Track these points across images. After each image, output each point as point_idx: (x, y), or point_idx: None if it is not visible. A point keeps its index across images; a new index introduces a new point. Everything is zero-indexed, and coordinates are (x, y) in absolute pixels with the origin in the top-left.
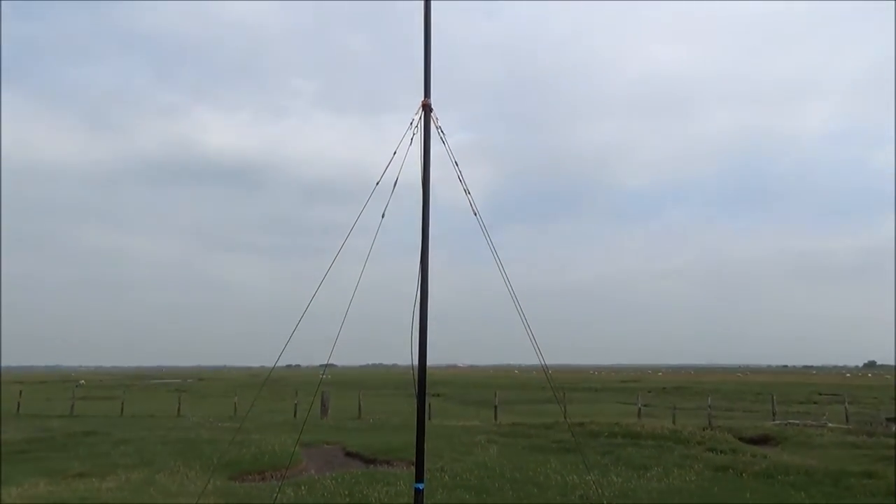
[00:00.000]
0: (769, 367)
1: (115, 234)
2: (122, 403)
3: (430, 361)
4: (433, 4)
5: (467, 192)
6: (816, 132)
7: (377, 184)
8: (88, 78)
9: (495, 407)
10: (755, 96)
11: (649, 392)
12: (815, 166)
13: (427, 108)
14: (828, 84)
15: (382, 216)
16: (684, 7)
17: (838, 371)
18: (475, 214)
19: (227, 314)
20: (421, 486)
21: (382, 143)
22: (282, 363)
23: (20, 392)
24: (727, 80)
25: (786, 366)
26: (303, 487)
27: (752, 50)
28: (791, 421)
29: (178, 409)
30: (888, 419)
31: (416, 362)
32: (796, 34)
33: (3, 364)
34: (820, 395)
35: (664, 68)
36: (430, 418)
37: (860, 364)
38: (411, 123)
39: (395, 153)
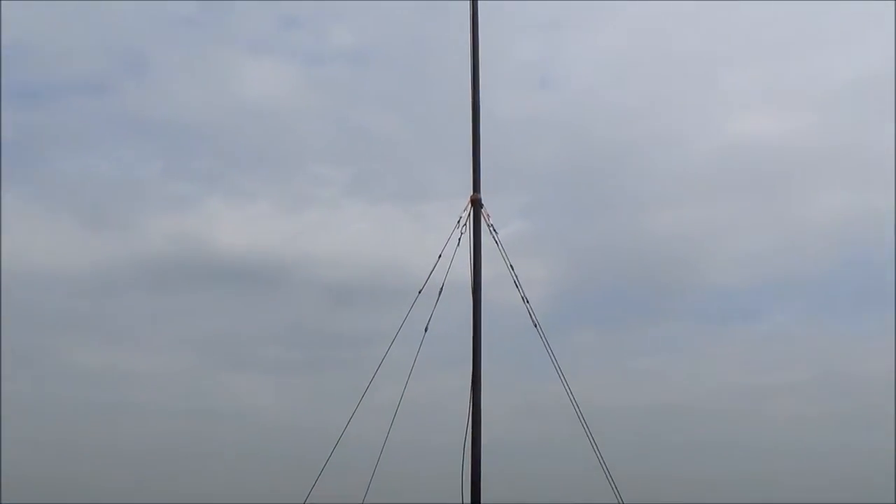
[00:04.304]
0: None
1: (109, 349)
2: None
3: (482, 500)
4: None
5: (525, 300)
6: None
7: (419, 292)
8: (88, 169)
9: None
10: (874, 173)
11: None
12: None
13: (477, 204)
14: None
15: (426, 329)
16: (772, 70)
17: None
18: (535, 326)
19: (239, 442)
20: None
21: (423, 234)
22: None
23: None
24: (837, 154)
25: None
26: None
27: (867, 117)
28: None
29: None
30: None
31: (467, 501)
32: None
33: None
34: None
35: (755, 142)
36: None
37: None
38: (458, 221)
39: (440, 256)
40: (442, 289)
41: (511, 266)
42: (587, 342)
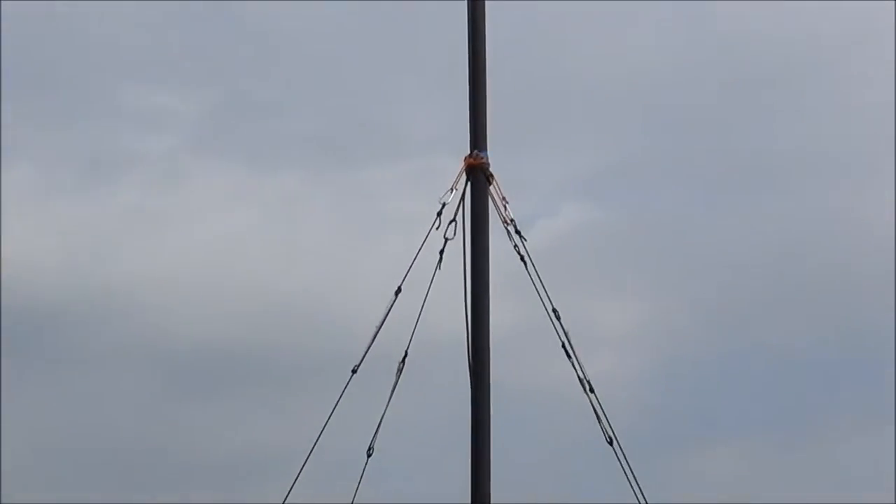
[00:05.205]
0: None
1: None
2: None
3: None
4: None
5: (587, 387)
6: None
7: (354, 370)
8: None
9: None
10: None
11: None
12: None
13: (479, 172)
14: None
15: (369, 453)
16: None
17: None
18: (609, 441)
19: None
20: None
21: (368, 238)
22: None
23: None
24: None
25: None
26: None
27: None
28: None
29: None
30: None
31: None
32: None
33: None
34: None
35: None
36: None
37: None
38: (440, 212)
39: (399, 289)
40: (405, 359)
41: (554, 310)
42: (724, 471)
